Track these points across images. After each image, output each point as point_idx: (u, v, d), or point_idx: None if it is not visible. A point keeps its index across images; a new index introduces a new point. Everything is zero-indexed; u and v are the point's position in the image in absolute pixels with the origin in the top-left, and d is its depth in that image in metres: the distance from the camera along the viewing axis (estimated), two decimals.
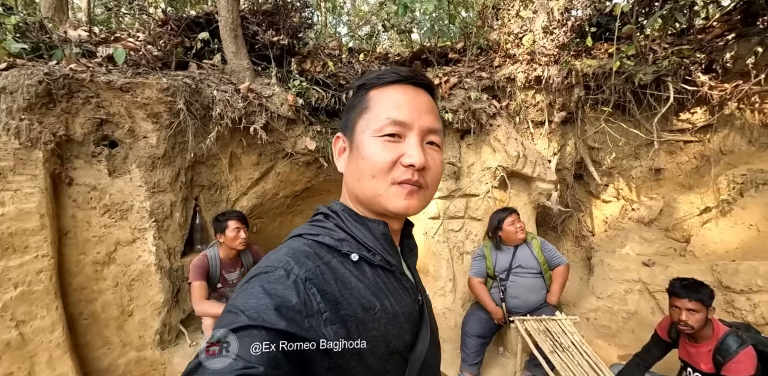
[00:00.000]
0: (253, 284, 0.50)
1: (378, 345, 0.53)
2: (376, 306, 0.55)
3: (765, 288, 2.30)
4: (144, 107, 2.47)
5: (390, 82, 0.62)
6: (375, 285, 0.57)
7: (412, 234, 0.75)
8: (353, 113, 0.64)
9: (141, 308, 2.51)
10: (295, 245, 0.58)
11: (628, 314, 2.85)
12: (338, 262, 0.56)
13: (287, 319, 0.45)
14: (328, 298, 0.51)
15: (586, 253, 3.52)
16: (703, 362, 1.94)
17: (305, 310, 0.48)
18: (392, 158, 0.58)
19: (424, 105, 0.62)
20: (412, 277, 0.68)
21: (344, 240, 0.59)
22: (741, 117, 2.60)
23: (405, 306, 0.60)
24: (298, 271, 0.51)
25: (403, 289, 0.62)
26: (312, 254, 0.55)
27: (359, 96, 0.64)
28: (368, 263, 0.59)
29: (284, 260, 0.53)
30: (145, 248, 2.54)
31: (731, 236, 2.61)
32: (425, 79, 0.65)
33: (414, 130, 0.59)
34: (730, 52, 2.50)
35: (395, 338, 0.56)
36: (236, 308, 0.47)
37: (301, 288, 0.49)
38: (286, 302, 0.47)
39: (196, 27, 2.96)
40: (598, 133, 3.19)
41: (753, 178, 2.52)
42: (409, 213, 0.60)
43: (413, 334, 0.60)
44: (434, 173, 0.62)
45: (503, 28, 3.39)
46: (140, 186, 2.53)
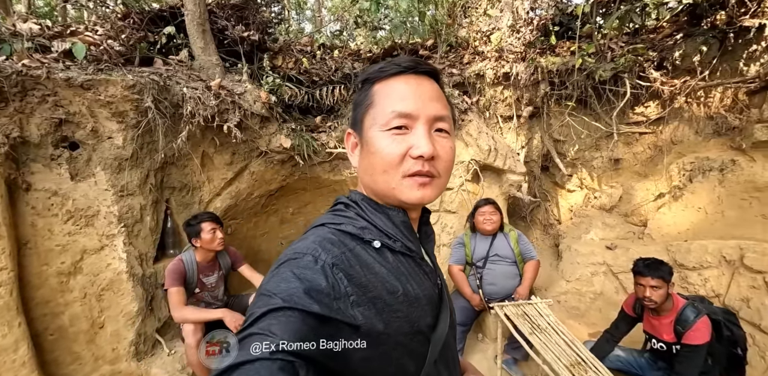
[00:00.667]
0: (283, 269, 0.52)
1: (403, 326, 0.55)
2: (399, 290, 0.57)
3: (714, 264, 2.55)
4: (108, 106, 2.32)
5: (392, 75, 0.62)
6: (397, 270, 0.60)
7: (430, 221, 0.78)
8: (360, 109, 0.65)
9: (113, 319, 2.37)
10: (320, 233, 0.60)
11: (594, 295, 3.06)
12: (362, 249, 0.58)
13: (318, 301, 0.48)
14: (355, 282, 0.53)
15: (554, 240, 3.73)
16: (666, 333, 2.13)
17: (333, 293, 0.50)
18: (401, 151, 0.59)
19: (428, 93, 0.62)
20: (431, 262, 0.70)
21: (366, 228, 0.61)
22: (689, 110, 2.86)
23: (426, 289, 0.62)
24: (325, 257, 0.53)
25: (423, 273, 0.64)
26: (337, 242, 0.57)
27: (364, 91, 0.65)
28: (390, 250, 0.61)
29: (312, 247, 0.55)
30: (114, 256, 2.40)
31: (683, 218, 2.87)
32: (428, 67, 0.64)
33: (420, 120, 0.60)
34: (679, 51, 2.74)
35: (418, 319, 0.58)
36: (269, 291, 0.49)
37: (329, 273, 0.52)
38: (316, 285, 0.49)
39: (161, 21, 2.81)
40: (563, 126, 3.37)
41: (700, 165, 2.78)
42: (424, 203, 0.62)
43: (434, 316, 0.63)
44: (445, 161, 0.62)
45: (472, 26, 3.49)
46: (106, 190, 2.38)
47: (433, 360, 0.60)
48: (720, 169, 2.71)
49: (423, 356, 0.58)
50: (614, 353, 2.38)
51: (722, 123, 2.76)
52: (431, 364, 0.59)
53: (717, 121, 2.78)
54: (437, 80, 0.66)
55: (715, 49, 2.65)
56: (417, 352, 0.57)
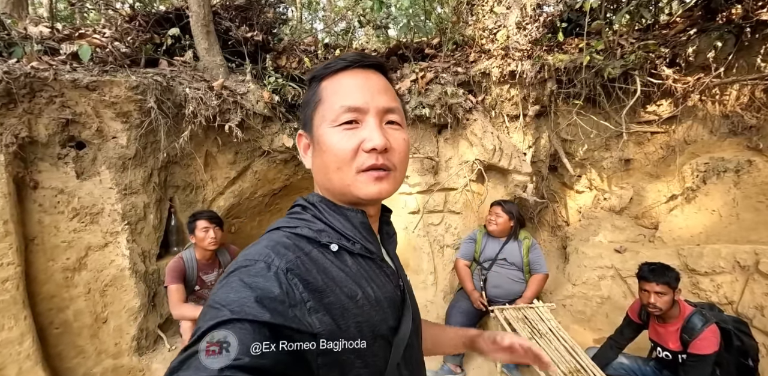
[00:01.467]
0: (233, 279, 0.50)
1: (363, 330, 0.54)
2: (358, 294, 0.55)
3: (727, 270, 2.43)
4: (112, 106, 2.38)
5: (338, 70, 0.62)
6: (356, 273, 0.58)
7: (390, 221, 0.76)
8: (309, 108, 0.64)
9: (116, 315, 2.44)
10: (274, 237, 0.58)
11: (601, 299, 2.96)
12: (318, 252, 0.57)
13: (270, 310, 0.46)
14: (311, 287, 0.51)
15: (561, 242, 3.63)
16: (671, 341, 2.04)
17: (288, 300, 0.48)
18: (353, 146, 0.57)
19: (376, 86, 0.61)
20: (392, 263, 0.69)
21: (323, 231, 0.60)
22: (703, 108, 2.73)
23: (387, 292, 0.61)
24: (278, 262, 0.51)
25: (384, 275, 0.63)
26: (292, 246, 0.55)
27: (312, 89, 0.64)
28: (348, 252, 0.60)
29: (264, 253, 0.53)
30: (118, 252, 2.46)
31: (696, 221, 2.75)
32: (373, 60, 0.64)
33: (370, 113, 0.59)
34: (692, 47, 2.62)
35: (380, 322, 0.57)
36: (217, 303, 0.47)
37: (283, 279, 0.50)
38: (268, 293, 0.47)
39: (166, 23, 2.86)
40: (571, 125, 3.28)
41: (715, 166, 2.65)
42: (382, 197, 0.60)
43: (396, 318, 0.61)
44: (400, 153, 0.61)
45: (478, 24, 3.43)
46: (111, 188, 2.44)
47: (396, 363, 0.58)
48: (735, 170, 2.58)
49: (385, 359, 0.57)
50: (618, 361, 2.30)
51: (738, 122, 2.62)
52: (394, 367, 0.58)
53: (733, 120, 2.65)
54: (384, 73, 0.65)
55: (730, 44, 2.52)
56: (379, 355, 0.56)
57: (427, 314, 3.27)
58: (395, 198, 3.52)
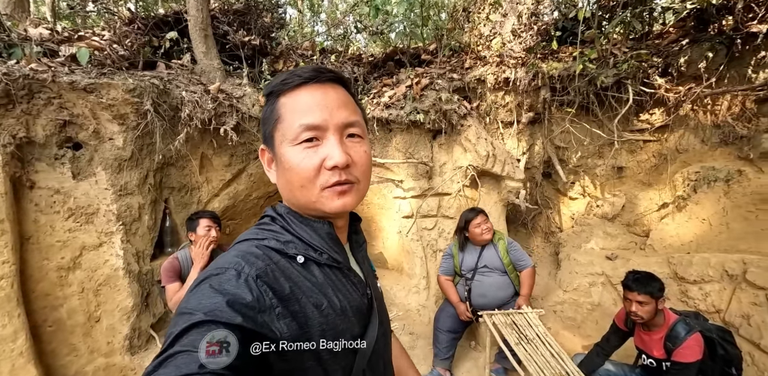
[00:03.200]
0: (203, 286, 0.52)
1: (327, 338, 0.55)
2: (323, 303, 0.57)
3: (716, 278, 2.45)
4: (109, 108, 2.42)
5: (295, 86, 0.62)
6: (322, 283, 0.60)
7: (360, 229, 0.77)
8: (269, 125, 0.64)
9: (109, 314, 2.46)
10: (243, 247, 0.60)
11: (592, 306, 2.98)
12: (286, 262, 0.59)
13: (242, 314, 0.48)
14: (279, 295, 0.53)
15: (554, 248, 3.65)
16: (656, 349, 2.06)
17: (258, 306, 0.50)
18: (315, 165, 0.58)
19: (334, 102, 0.61)
20: (360, 271, 0.70)
21: (290, 242, 0.61)
22: (694, 118, 2.75)
23: (353, 301, 0.63)
24: (248, 270, 0.53)
25: (351, 284, 0.65)
26: (262, 255, 0.57)
27: (270, 105, 0.64)
28: (316, 263, 0.61)
29: (234, 261, 0.55)
30: (112, 252, 2.49)
31: (686, 229, 2.76)
32: (331, 74, 0.63)
33: (330, 130, 0.59)
34: (684, 57, 2.64)
35: (345, 330, 0.58)
36: (189, 309, 0.48)
37: (253, 286, 0.51)
38: (239, 299, 0.49)
39: (165, 26, 2.91)
40: (564, 133, 3.30)
41: (705, 175, 2.67)
42: (347, 210, 0.62)
43: (362, 326, 0.63)
44: (362, 165, 0.62)
45: (474, 31, 3.46)
46: (106, 189, 2.48)
47: (361, 369, 0.60)
48: (726, 179, 2.60)
49: (350, 366, 0.59)
50: (604, 368, 2.31)
51: (729, 132, 2.64)
52: (359, 373, 0.60)
53: (724, 130, 2.67)
54: (344, 85, 0.66)
55: (722, 55, 2.55)
56: (344, 362, 0.58)
57: (420, 318, 3.29)
58: (389, 202, 3.55)
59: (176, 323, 0.47)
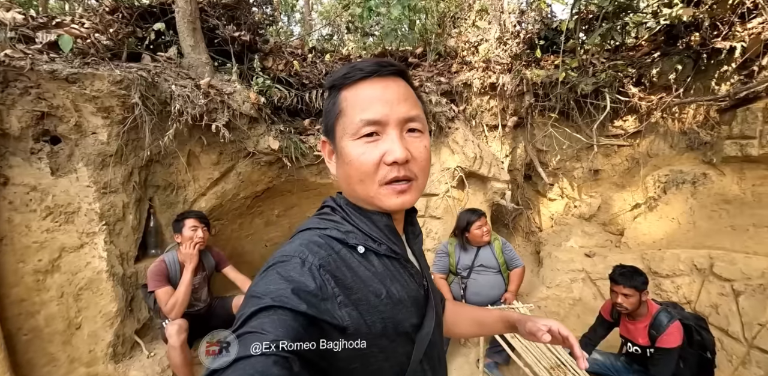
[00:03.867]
0: (271, 272, 0.54)
1: (387, 327, 0.57)
2: (383, 292, 0.58)
3: (686, 272, 2.67)
4: (93, 101, 2.28)
5: (357, 80, 0.61)
6: (382, 273, 0.61)
7: (416, 220, 0.78)
8: (330, 118, 0.64)
9: (90, 320, 2.30)
10: (307, 236, 0.61)
11: (573, 301, 3.15)
12: (347, 252, 0.60)
13: (306, 302, 0.49)
14: (341, 284, 0.55)
15: (535, 247, 3.82)
16: (641, 337, 2.21)
17: (321, 294, 0.52)
18: (375, 160, 0.59)
19: (395, 95, 0.61)
20: (417, 263, 0.71)
21: (351, 232, 0.62)
22: (664, 125, 3.00)
23: (411, 291, 0.64)
24: (312, 259, 0.55)
25: (408, 275, 0.65)
26: (324, 245, 0.59)
27: (332, 98, 0.64)
28: (375, 253, 0.62)
29: (299, 250, 0.57)
30: (94, 254, 2.33)
31: (657, 228, 3.00)
32: (393, 68, 0.63)
33: (390, 125, 0.59)
34: (656, 69, 2.88)
35: (403, 320, 0.60)
36: (258, 293, 0.50)
37: (317, 274, 0.53)
38: (303, 286, 0.51)
39: (150, 17, 2.77)
40: (546, 137, 3.48)
41: (674, 177, 2.92)
42: (405, 208, 0.63)
43: (420, 316, 0.64)
44: (421, 161, 0.62)
45: (461, 37, 3.58)
46: (88, 186, 2.32)
47: (419, 359, 0.61)
48: (692, 181, 2.86)
49: (408, 355, 0.60)
50: (592, 357, 2.45)
51: (695, 138, 2.91)
52: (416, 363, 0.61)
53: (690, 137, 2.94)
54: (405, 78, 0.66)
55: (689, 68, 2.81)
56: (402, 352, 0.59)
57: None
58: None
59: (246, 305, 0.50)
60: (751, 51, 2.44)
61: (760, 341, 2.24)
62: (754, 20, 2.51)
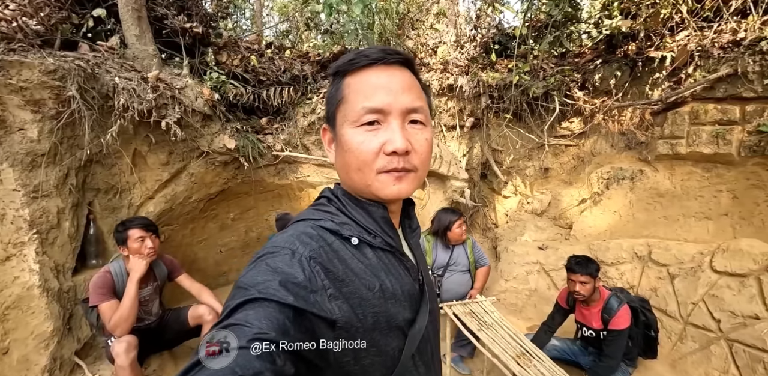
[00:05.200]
0: (260, 263, 0.52)
1: (379, 320, 0.56)
2: (376, 286, 0.57)
3: (628, 260, 2.92)
4: (20, 92, 2.01)
5: (362, 67, 0.60)
6: (375, 266, 0.60)
7: (414, 214, 0.77)
8: (332, 104, 0.63)
9: (20, 343, 2.01)
10: (300, 228, 0.60)
11: (530, 292, 3.32)
12: (340, 244, 0.59)
13: (294, 294, 0.48)
14: (332, 276, 0.53)
15: (492, 242, 3.98)
16: (595, 321, 2.39)
17: (310, 286, 0.50)
18: (375, 148, 0.58)
19: (399, 85, 0.60)
20: (413, 257, 0.71)
21: (345, 224, 0.61)
22: (605, 126, 3.28)
23: (405, 285, 0.63)
24: (302, 250, 0.53)
25: (403, 268, 0.65)
26: (316, 236, 0.57)
27: (335, 85, 0.63)
28: (369, 245, 0.61)
29: (289, 241, 0.55)
30: (23, 267, 2.05)
31: (602, 221, 3.26)
32: (398, 57, 0.62)
33: (392, 115, 0.58)
34: (598, 74, 3.14)
35: (396, 314, 0.59)
36: (246, 284, 0.49)
37: (306, 266, 0.52)
38: (291, 278, 0.50)
39: (89, 2, 2.51)
40: (501, 137, 3.65)
41: (615, 174, 3.20)
42: (402, 197, 0.61)
43: (413, 311, 0.63)
44: (422, 153, 0.61)
45: (419, 39, 3.64)
46: (15, 190, 2.04)
47: (410, 354, 0.60)
48: (631, 177, 3.14)
49: (399, 349, 0.59)
50: (551, 343, 2.60)
51: (632, 138, 3.21)
52: (408, 357, 0.60)
53: (628, 137, 3.24)
54: (411, 68, 0.65)
55: (627, 74, 3.10)
56: (393, 345, 0.58)
57: None
58: None
59: (233, 296, 0.49)
60: (679, 60, 2.75)
61: (693, 318, 2.51)
62: (681, 33, 2.83)
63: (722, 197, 2.82)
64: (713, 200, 2.85)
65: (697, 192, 2.90)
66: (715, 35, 2.68)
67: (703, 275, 2.53)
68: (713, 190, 2.86)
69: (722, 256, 2.48)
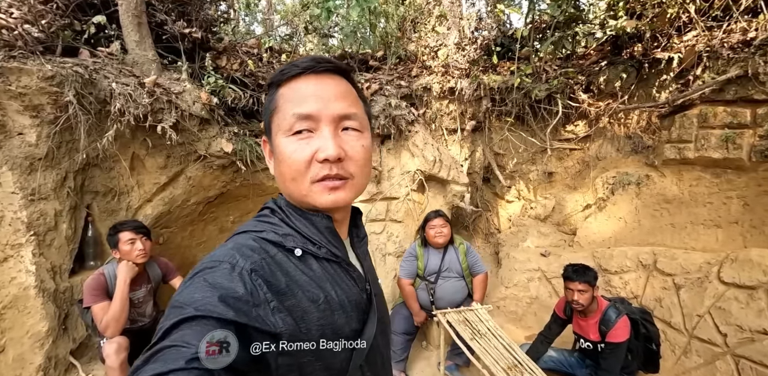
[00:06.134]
0: (197, 279, 0.50)
1: (325, 333, 0.54)
2: (320, 297, 0.56)
3: (632, 268, 2.82)
4: (20, 97, 2.07)
5: (293, 76, 0.60)
6: (320, 277, 0.59)
7: (361, 223, 0.76)
8: (267, 115, 0.63)
9: (16, 342, 2.07)
10: (240, 240, 0.58)
11: (530, 300, 3.23)
12: (283, 256, 0.57)
13: (235, 309, 0.46)
14: (274, 289, 0.52)
15: (494, 248, 3.90)
16: (592, 333, 2.30)
17: (252, 300, 0.49)
18: (307, 157, 0.57)
19: (331, 92, 0.59)
20: (360, 266, 0.70)
21: (289, 235, 0.60)
22: (611, 130, 3.17)
23: (352, 295, 0.62)
24: (243, 263, 0.52)
25: (350, 279, 0.64)
26: (258, 248, 0.56)
27: (270, 96, 0.63)
28: (314, 256, 0.60)
29: (229, 254, 0.53)
30: (21, 268, 2.11)
31: (606, 227, 3.15)
32: (329, 64, 0.61)
33: (323, 122, 0.58)
34: (603, 76, 3.04)
35: (343, 325, 0.58)
36: (181, 303, 0.46)
37: (247, 279, 0.50)
38: (232, 293, 0.48)
39: (90, 8, 2.58)
40: (503, 140, 3.57)
41: (621, 179, 3.08)
42: (339, 206, 0.60)
43: (361, 321, 0.62)
44: (357, 160, 0.60)
45: (420, 41, 3.61)
46: (13, 193, 2.10)
47: (358, 365, 0.59)
48: (637, 183, 3.03)
49: (347, 361, 0.58)
50: (548, 354, 2.52)
51: (638, 142, 3.09)
52: (356, 369, 0.59)
53: (634, 141, 3.12)
54: (346, 77, 0.64)
55: (633, 76, 2.99)
56: (341, 357, 0.57)
57: None
58: None
59: (167, 317, 0.46)
60: (687, 61, 2.64)
61: (699, 332, 2.39)
62: (689, 33, 2.71)
63: (732, 203, 2.68)
64: (723, 207, 2.72)
65: (706, 198, 2.77)
66: (724, 35, 2.56)
67: (710, 286, 2.41)
68: (723, 196, 2.72)
69: (731, 266, 2.36)
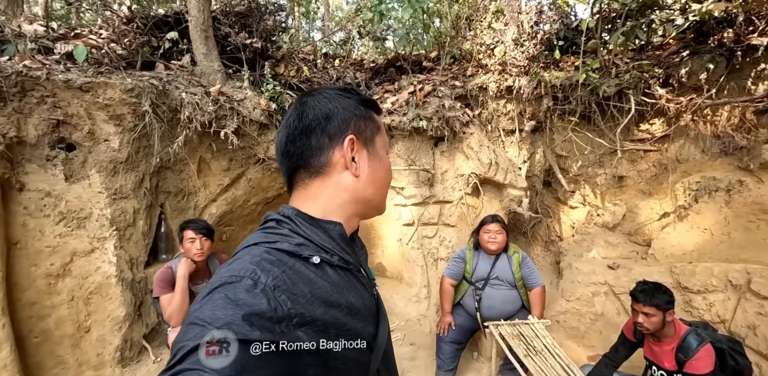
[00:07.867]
0: (217, 295, 0.49)
1: (349, 338, 0.56)
2: (342, 303, 0.58)
3: (719, 288, 2.45)
4: (106, 109, 2.34)
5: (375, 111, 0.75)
6: (338, 284, 0.60)
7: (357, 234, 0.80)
8: (369, 127, 0.70)
9: (99, 324, 2.34)
10: (255, 252, 0.57)
11: (595, 316, 2.95)
12: (301, 265, 0.57)
13: (259, 327, 0.45)
14: (299, 301, 0.51)
15: (554, 257, 3.63)
16: (667, 361, 2.02)
17: (276, 316, 0.48)
18: None
19: None
20: (365, 273, 0.73)
21: (302, 244, 0.60)
22: (695, 128, 2.78)
23: (365, 300, 0.64)
24: (265, 279, 0.51)
25: (361, 285, 0.66)
26: (276, 261, 0.55)
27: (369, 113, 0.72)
28: (329, 264, 0.61)
29: (249, 269, 0.52)
30: (104, 259, 2.38)
31: (688, 239, 2.77)
32: None
33: None
34: (685, 68, 2.68)
35: (362, 329, 0.60)
36: (202, 320, 0.45)
37: (271, 296, 0.49)
38: (256, 310, 0.47)
39: (165, 26, 2.84)
40: (566, 141, 3.32)
41: (706, 185, 2.69)
42: None
43: (375, 325, 0.65)
44: None
45: (476, 39, 3.48)
46: (100, 192, 2.38)
47: (376, 368, 0.61)
48: (727, 189, 2.62)
49: (367, 364, 0.60)
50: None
51: (729, 142, 2.67)
52: (374, 372, 0.61)
53: (724, 141, 2.70)
54: None
55: (722, 67, 2.59)
56: (361, 361, 0.59)
57: (420, 328, 3.22)
58: (389, 209, 3.49)
59: (187, 335, 0.45)
60: None
61: None
62: None
63: None
64: None
65: None
66: None
67: None
68: None
69: None
